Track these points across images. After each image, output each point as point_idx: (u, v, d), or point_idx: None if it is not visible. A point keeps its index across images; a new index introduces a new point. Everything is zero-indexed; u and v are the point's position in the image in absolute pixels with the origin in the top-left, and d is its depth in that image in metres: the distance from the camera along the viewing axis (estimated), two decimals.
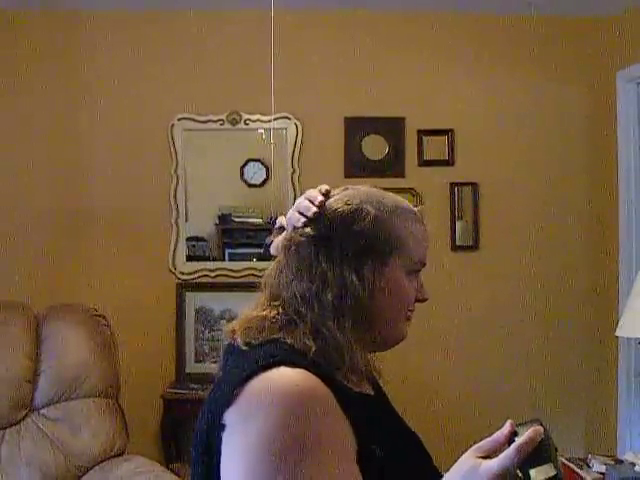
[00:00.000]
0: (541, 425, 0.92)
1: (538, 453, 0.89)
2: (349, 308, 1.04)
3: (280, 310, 1.07)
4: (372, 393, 1.15)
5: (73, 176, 3.45)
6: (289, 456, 0.89)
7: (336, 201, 1.10)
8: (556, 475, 0.88)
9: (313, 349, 1.02)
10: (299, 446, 0.90)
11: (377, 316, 1.08)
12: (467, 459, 0.92)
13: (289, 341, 1.03)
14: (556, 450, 0.92)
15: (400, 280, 1.09)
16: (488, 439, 0.93)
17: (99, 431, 2.60)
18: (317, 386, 0.95)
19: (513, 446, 0.89)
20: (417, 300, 1.14)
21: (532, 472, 0.88)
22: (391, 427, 1.14)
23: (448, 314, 3.46)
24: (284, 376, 0.95)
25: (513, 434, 0.92)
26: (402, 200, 1.15)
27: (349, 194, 1.11)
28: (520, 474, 0.88)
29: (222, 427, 0.95)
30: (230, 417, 0.95)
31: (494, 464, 0.88)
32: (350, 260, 1.05)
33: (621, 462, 2.53)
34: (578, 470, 2.52)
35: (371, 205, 1.09)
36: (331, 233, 1.07)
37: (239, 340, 1.06)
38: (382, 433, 1.05)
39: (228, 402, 0.95)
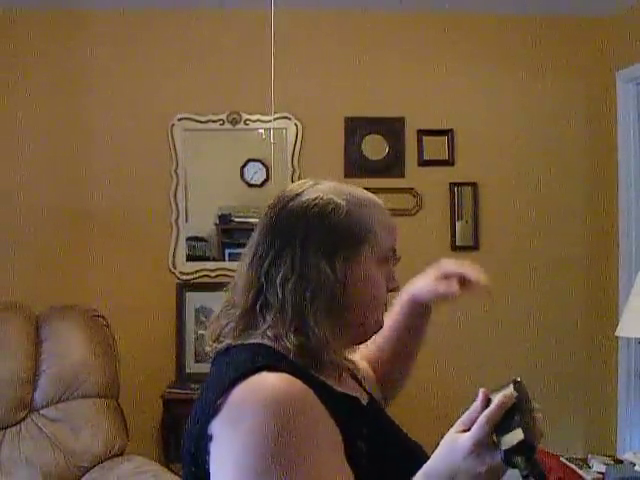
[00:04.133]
0: (514, 385, 0.90)
1: (510, 418, 0.87)
2: (325, 301, 1.05)
3: (257, 309, 1.08)
4: (364, 402, 1.15)
5: (73, 176, 3.45)
6: (277, 461, 0.90)
7: (308, 197, 1.11)
8: (525, 440, 0.84)
9: (292, 348, 1.02)
10: (286, 450, 0.90)
11: (354, 306, 1.08)
12: (448, 437, 0.91)
13: (268, 343, 1.05)
14: (532, 410, 0.89)
15: (372, 269, 1.11)
16: (466, 412, 0.92)
17: (99, 431, 2.60)
18: (299, 388, 0.95)
19: (482, 416, 0.87)
20: (388, 290, 1.15)
21: (502, 439, 0.86)
22: (380, 427, 1.13)
23: (447, 314, 3.45)
24: (266, 382, 0.95)
25: (488, 401, 0.90)
26: (367, 192, 1.18)
27: (320, 189, 1.12)
28: (495, 440, 0.87)
29: (209, 438, 0.96)
30: (216, 427, 0.95)
31: (467, 439, 0.87)
32: (324, 254, 1.06)
33: (621, 462, 2.53)
34: (578, 470, 2.52)
35: (342, 198, 1.11)
36: (306, 230, 1.08)
37: (223, 344, 1.10)
38: (368, 430, 1.05)
39: (213, 412, 0.96)
